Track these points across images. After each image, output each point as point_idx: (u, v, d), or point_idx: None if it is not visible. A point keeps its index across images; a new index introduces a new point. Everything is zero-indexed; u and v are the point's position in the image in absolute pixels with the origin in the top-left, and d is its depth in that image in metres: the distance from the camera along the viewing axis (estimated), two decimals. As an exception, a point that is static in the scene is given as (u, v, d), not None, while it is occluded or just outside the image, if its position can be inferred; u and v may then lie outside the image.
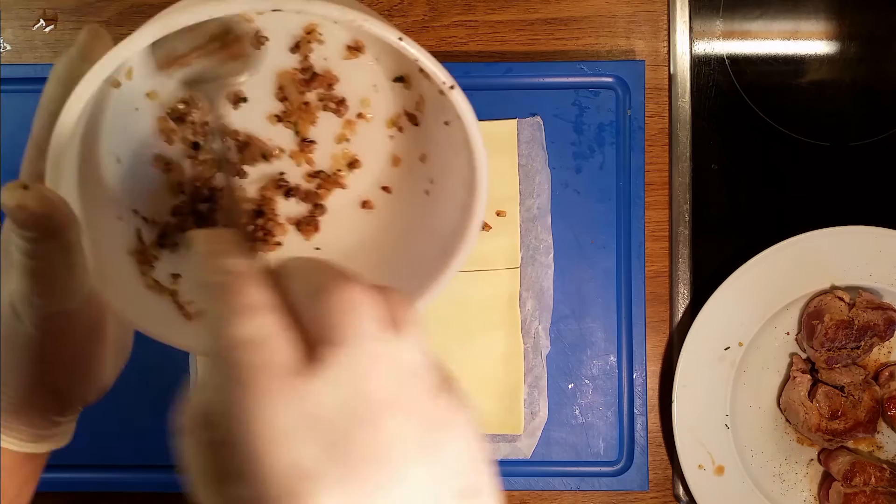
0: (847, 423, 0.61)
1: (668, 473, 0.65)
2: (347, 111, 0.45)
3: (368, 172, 0.46)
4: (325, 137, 0.45)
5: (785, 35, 0.66)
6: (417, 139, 0.45)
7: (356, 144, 0.46)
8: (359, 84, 0.44)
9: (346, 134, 0.45)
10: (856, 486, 0.61)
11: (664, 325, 0.65)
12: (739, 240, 0.65)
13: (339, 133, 0.45)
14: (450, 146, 0.41)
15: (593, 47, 0.65)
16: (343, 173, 0.46)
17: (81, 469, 0.62)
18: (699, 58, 0.65)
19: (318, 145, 0.45)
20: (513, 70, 0.63)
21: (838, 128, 0.66)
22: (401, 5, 0.65)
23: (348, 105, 0.45)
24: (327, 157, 0.46)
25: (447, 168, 0.42)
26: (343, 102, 0.44)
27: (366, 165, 0.46)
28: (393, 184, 0.47)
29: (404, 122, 0.45)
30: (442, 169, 0.43)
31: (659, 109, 0.65)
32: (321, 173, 0.46)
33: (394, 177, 0.47)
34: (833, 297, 0.61)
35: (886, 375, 0.63)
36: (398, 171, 0.46)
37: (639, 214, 0.63)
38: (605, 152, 0.63)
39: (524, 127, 0.62)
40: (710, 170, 0.65)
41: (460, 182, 0.41)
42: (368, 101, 0.45)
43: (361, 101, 0.45)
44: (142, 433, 0.62)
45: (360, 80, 0.44)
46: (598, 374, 0.63)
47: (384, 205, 0.47)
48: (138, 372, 0.62)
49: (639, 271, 0.63)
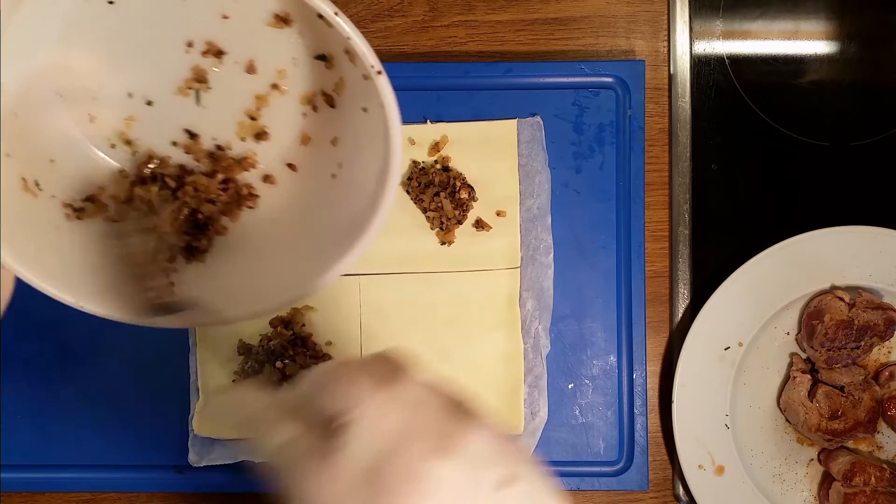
0: (847, 423, 0.61)
1: (668, 473, 0.65)
2: (256, 73, 0.44)
3: (275, 146, 0.46)
4: (235, 107, 0.45)
5: (785, 35, 0.66)
6: (331, 121, 0.45)
7: (267, 117, 0.45)
8: (278, 55, 0.44)
9: (258, 105, 0.45)
10: (856, 486, 0.61)
11: (664, 324, 0.65)
12: (739, 240, 0.65)
13: (250, 106, 0.45)
14: (365, 133, 0.41)
15: (593, 47, 0.65)
16: (248, 144, 0.46)
17: (81, 469, 0.63)
18: (699, 58, 0.65)
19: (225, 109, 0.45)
20: (513, 70, 0.63)
21: (838, 128, 0.66)
22: (401, 5, 0.65)
23: (255, 66, 0.44)
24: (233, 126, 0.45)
25: (359, 155, 0.42)
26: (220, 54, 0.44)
27: (273, 139, 0.46)
28: (299, 162, 0.46)
29: (320, 102, 0.45)
30: (353, 155, 0.43)
31: (659, 109, 0.65)
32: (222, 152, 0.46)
33: (301, 155, 0.46)
34: (833, 297, 0.61)
35: (886, 375, 0.63)
36: (306, 151, 0.46)
37: (639, 214, 0.63)
38: (605, 152, 0.63)
39: (524, 127, 0.62)
40: (711, 170, 0.65)
41: (372, 172, 0.41)
42: (285, 72, 0.44)
43: (278, 71, 0.44)
44: (141, 433, 0.62)
45: (281, 51, 0.43)
46: (598, 374, 0.63)
47: (287, 182, 0.47)
48: (137, 374, 0.63)
49: (639, 271, 0.63)
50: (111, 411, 0.63)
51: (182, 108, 0.45)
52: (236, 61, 0.44)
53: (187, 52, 0.43)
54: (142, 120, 0.45)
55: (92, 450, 0.62)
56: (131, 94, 0.45)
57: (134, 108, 0.45)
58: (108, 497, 0.64)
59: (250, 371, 0.59)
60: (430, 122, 0.62)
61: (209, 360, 0.61)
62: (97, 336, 0.62)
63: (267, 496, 0.30)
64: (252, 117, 0.46)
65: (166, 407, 0.62)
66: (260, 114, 0.45)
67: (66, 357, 0.63)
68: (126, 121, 0.45)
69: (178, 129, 0.46)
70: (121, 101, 0.45)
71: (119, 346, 0.62)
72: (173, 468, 0.62)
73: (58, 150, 0.44)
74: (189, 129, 0.46)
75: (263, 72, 0.44)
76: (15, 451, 0.62)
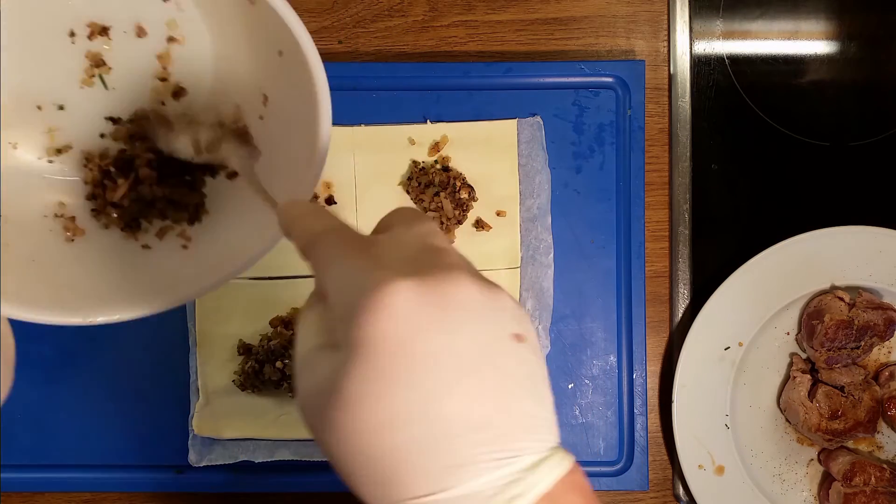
0: (847, 423, 0.61)
1: (668, 473, 0.65)
2: (147, 35, 0.43)
3: (196, 98, 0.45)
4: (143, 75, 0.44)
5: (785, 35, 0.66)
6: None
7: (177, 73, 0.44)
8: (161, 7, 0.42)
9: (163, 63, 0.44)
10: (856, 486, 0.61)
11: (664, 324, 0.65)
12: (739, 239, 0.65)
13: (157, 68, 0.44)
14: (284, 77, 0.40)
15: (593, 47, 0.65)
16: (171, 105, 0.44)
17: (80, 469, 0.62)
18: (699, 58, 0.65)
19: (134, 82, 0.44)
20: (513, 70, 0.62)
21: (838, 128, 0.66)
22: (401, 5, 0.65)
23: (144, 28, 0.43)
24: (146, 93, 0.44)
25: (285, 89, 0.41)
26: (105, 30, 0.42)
27: (192, 92, 0.44)
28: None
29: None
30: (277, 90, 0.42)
31: (659, 109, 0.65)
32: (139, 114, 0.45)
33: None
34: (833, 297, 0.61)
35: (886, 375, 0.63)
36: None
37: (639, 214, 0.63)
38: (605, 152, 0.63)
39: (524, 127, 0.62)
40: (711, 170, 0.65)
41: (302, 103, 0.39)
42: (175, 22, 0.43)
43: (167, 23, 0.43)
44: (141, 433, 0.62)
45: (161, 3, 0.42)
46: (598, 374, 0.63)
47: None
48: (137, 374, 0.63)
49: (639, 271, 0.63)
50: (111, 411, 0.62)
51: (94, 98, 0.44)
52: (124, 31, 0.43)
53: (73, 42, 0.42)
54: (62, 126, 0.44)
55: (92, 450, 0.62)
56: (40, 105, 0.43)
57: (49, 118, 0.44)
58: (107, 497, 0.64)
59: (250, 371, 0.59)
60: (430, 122, 0.62)
61: (209, 360, 0.61)
62: (97, 336, 0.62)
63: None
64: (162, 78, 0.44)
65: (166, 407, 0.62)
66: (168, 73, 0.44)
67: (66, 357, 0.62)
68: (48, 134, 0.44)
69: (101, 120, 0.45)
70: (33, 116, 0.43)
71: (119, 346, 0.62)
72: (173, 468, 0.62)
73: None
74: (110, 115, 0.45)
75: (154, 30, 0.43)
76: (15, 451, 0.62)
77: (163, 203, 0.44)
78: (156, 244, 0.45)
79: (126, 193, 0.44)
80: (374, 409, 0.26)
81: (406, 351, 0.26)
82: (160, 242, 0.45)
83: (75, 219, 0.44)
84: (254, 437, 0.61)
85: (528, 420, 0.28)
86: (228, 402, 0.61)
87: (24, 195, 0.44)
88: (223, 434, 0.60)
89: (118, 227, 0.45)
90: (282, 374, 0.59)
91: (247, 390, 0.60)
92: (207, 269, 0.42)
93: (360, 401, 0.26)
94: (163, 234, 0.45)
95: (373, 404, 0.26)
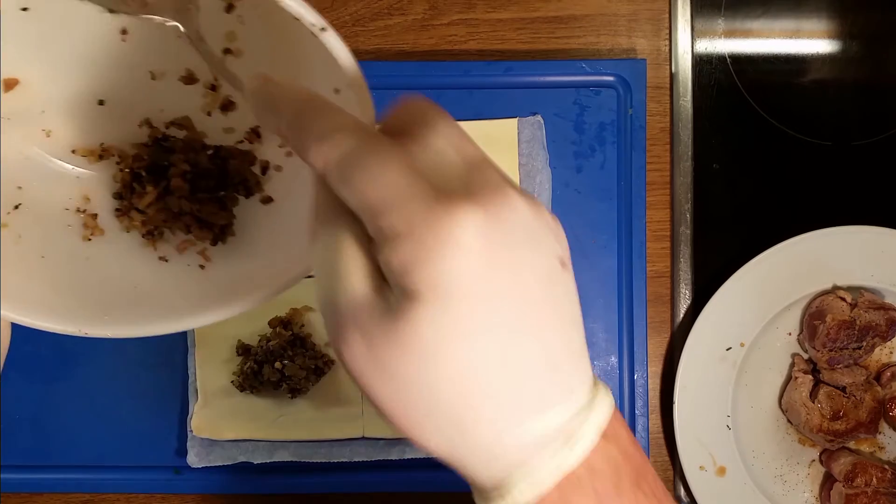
0: (849, 424, 0.61)
1: (670, 474, 0.65)
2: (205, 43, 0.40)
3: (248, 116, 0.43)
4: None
5: (787, 34, 0.66)
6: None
7: (228, 86, 0.42)
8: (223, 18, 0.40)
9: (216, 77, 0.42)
10: (857, 486, 0.61)
11: (665, 325, 0.65)
12: (741, 239, 0.64)
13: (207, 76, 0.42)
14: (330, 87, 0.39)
15: (594, 46, 0.65)
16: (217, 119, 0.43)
17: (80, 470, 0.62)
18: (701, 56, 0.65)
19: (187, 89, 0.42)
20: (513, 69, 0.62)
21: (840, 127, 0.65)
22: (400, 4, 0.65)
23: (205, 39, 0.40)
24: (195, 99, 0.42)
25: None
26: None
27: (242, 108, 0.43)
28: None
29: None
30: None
31: (660, 108, 0.65)
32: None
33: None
34: (835, 298, 0.61)
35: (888, 376, 0.63)
36: None
37: (640, 214, 0.62)
38: (606, 152, 0.63)
39: (525, 126, 0.62)
40: (712, 169, 0.65)
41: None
42: (234, 34, 0.41)
43: (226, 34, 0.41)
44: (140, 434, 0.62)
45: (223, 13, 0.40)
46: (599, 375, 0.63)
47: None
48: (136, 374, 0.63)
49: (640, 271, 0.62)
50: (110, 412, 0.62)
51: (137, 97, 0.42)
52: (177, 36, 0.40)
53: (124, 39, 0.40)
54: (99, 121, 0.42)
55: (91, 450, 0.62)
56: (81, 98, 0.42)
57: (87, 110, 0.42)
58: (107, 498, 0.64)
59: (249, 372, 0.59)
60: (431, 122, 0.62)
61: (208, 360, 0.61)
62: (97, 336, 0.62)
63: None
64: (212, 87, 0.43)
65: (166, 407, 0.62)
66: (220, 83, 0.42)
67: (65, 357, 0.62)
68: (82, 126, 0.42)
69: (140, 120, 0.43)
70: (71, 106, 0.42)
71: (119, 346, 0.62)
72: (172, 469, 0.62)
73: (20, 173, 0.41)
74: (149, 119, 0.43)
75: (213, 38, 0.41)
76: (15, 451, 0.62)
77: (190, 218, 0.43)
78: (174, 257, 0.44)
79: (153, 202, 0.43)
80: (450, 358, 0.25)
81: (480, 291, 0.25)
82: (178, 256, 0.44)
83: (97, 217, 0.43)
84: (253, 439, 0.61)
85: (580, 354, 0.28)
86: (227, 403, 0.61)
87: (48, 184, 0.42)
88: (222, 435, 0.60)
89: (140, 233, 0.43)
90: (281, 375, 0.59)
91: (245, 391, 0.60)
92: (217, 296, 0.41)
93: (434, 350, 0.25)
94: (184, 248, 0.44)
95: (448, 353, 0.25)
